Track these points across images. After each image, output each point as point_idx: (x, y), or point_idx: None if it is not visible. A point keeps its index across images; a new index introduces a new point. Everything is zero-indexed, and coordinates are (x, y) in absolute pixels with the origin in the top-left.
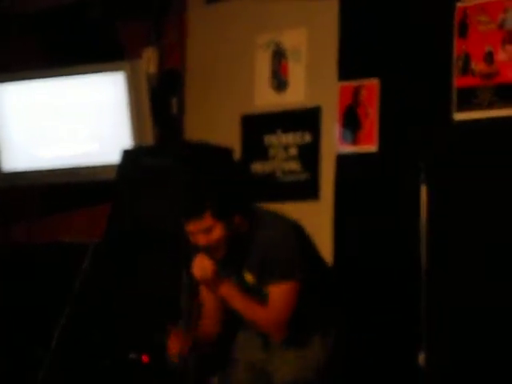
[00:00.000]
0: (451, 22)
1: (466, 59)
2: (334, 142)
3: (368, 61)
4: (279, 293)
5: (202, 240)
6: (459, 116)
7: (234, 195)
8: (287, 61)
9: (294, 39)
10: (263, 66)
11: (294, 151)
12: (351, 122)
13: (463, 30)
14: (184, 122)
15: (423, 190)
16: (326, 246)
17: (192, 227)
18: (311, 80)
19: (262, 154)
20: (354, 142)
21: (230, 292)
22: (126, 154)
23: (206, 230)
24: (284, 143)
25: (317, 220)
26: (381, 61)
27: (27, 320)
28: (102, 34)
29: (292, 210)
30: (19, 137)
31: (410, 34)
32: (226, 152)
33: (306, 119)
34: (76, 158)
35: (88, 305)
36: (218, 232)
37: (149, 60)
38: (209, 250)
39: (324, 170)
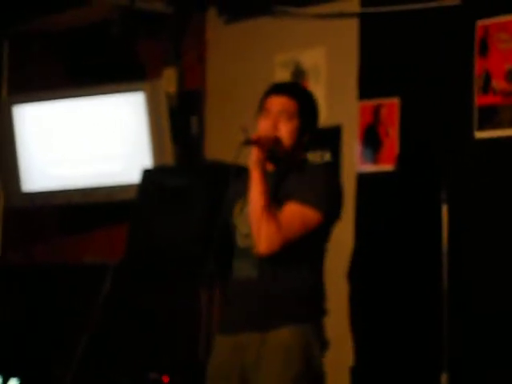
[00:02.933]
0: (472, 40)
1: (487, 78)
2: (354, 161)
3: (388, 80)
4: (294, 209)
5: (270, 124)
6: (480, 135)
7: (317, 113)
8: (307, 80)
9: (313, 58)
10: None
11: None
12: (372, 141)
13: (484, 49)
14: (204, 141)
15: (444, 210)
16: (346, 265)
17: (276, 103)
18: (331, 99)
19: None
20: (375, 161)
21: (261, 179)
22: (146, 173)
23: (286, 114)
24: None
25: (337, 240)
26: (401, 79)
27: (47, 340)
28: (122, 53)
29: None
30: (39, 157)
31: (430, 52)
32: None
33: (326, 138)
34: (96, 177)
35: (108, 325)
36: (293, 125)
37: (168, 80)
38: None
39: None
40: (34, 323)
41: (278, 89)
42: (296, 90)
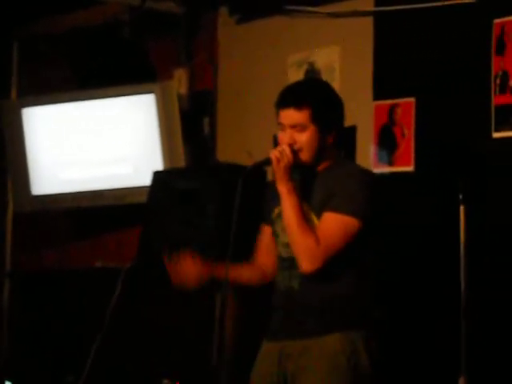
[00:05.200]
0: (489, 38)
1: (504, 77)
2: (369, 163)
3: (404, 79)
4: (331, 220)
5: (287, 138)
6: (497, 134)
7: (336, 109)
8: None
9: (327, 58)
10: None
11: None
12: (387, 141)
13: (501, 47)
14: (216, 142)
15: (462, 211)
16: None
17: (285, 117)
18: (345, 99)
19: None
20: (390, 162)
21: (290, 193)
22: (157, 176)
23: (297, 127)
24: None
25: None
26: (417, 79)
27: (59, 346)
28: (133, 54)
29: None
30: (49, 160)
31: (446, 51)
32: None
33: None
34: (106, 180)
35: (120, 330)
36: (308, 134)
37: (179, 81)
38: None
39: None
40: (45, 329)
41: (284, 101)
42: (304, 97)
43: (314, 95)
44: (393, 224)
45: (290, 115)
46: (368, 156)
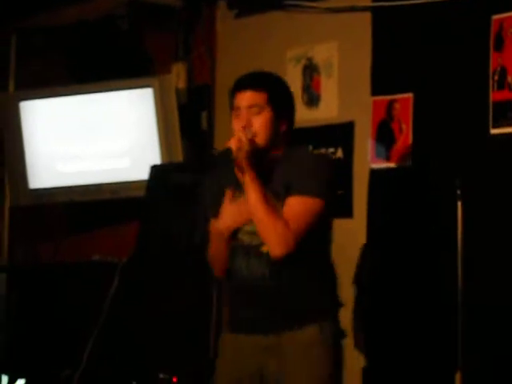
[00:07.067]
0: (487, 34)
1: (503, 73)
2: (367, 158)
3: (402, 75)
4: (297, 203)
5: (243, 120)
6: (495, 130)
7: (290, 98)
8: (319, 75)
9: (325, 53)
10: (294, 80)
11: None
12: (385, 137)
13: (499, 43)
14: (214, 137)
15: (459, 206)
16: (359, 262)
17: (242, 99)
18: (344, 94)
19: None
20: (388, 157)
21: (254, 181)
22: (155, 170)
23: (254, 108)
24: None
25: (351, 240)
26: (415, 75)
27: (55, 340)
28: (131, 48)
29: None
30: (46, 153)
31: (444, 47)
32: None
33: (339, 135)
34: (104, 174)
35: (117, 324)
36: (264, 117)
37: (178, 75)
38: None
39: (357, 186)
40: (42, 323)
41: (242, 84)
42: (261, 80)
43: (270, 80)
44: (390, 219)
45: (248, 96)
46: (366, 151)
